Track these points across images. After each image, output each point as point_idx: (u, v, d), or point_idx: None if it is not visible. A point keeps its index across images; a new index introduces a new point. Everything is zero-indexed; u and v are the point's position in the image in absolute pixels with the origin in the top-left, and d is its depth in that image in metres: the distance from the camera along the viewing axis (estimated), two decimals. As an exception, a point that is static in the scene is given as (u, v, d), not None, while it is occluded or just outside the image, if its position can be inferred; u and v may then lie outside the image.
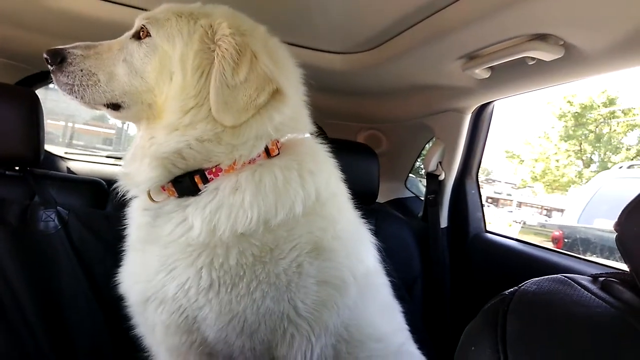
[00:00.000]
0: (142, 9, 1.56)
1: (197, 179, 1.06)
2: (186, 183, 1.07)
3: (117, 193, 1.19)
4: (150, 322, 1.09)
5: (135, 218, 1.19)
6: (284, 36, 1.71)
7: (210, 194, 1.05)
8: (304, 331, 1.06)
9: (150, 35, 1.09)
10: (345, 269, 1.12)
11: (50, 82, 2.54)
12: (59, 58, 1.09)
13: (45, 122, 1.71)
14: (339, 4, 1.43)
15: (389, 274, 1.36)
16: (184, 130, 1.05)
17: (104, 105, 1.14)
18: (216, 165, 1.06)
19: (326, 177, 1.17)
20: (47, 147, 2.38)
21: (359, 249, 1.22)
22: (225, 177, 1.06)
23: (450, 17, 1.32)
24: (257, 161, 1.09)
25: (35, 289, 1.57)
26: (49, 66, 1.11)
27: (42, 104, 1.71)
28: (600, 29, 1.17)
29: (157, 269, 1.04)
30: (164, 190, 1.09)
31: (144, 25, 1.09)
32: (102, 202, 1.84)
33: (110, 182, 1.94)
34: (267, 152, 1.11)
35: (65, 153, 2.84)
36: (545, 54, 1.30)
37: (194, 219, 1.03)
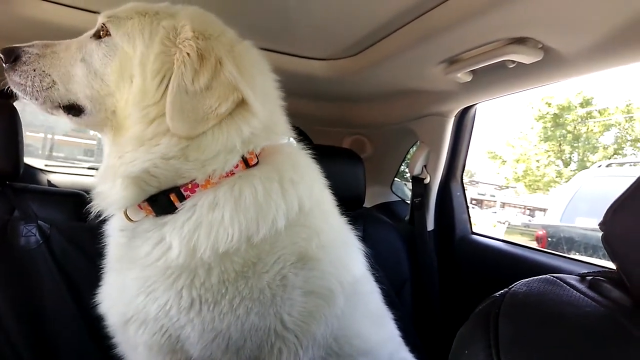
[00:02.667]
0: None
1: (172, 197, 1.00)
2: (162, 201, 1.01)
3: (93, 212, 1.11)
4: (132, 342, 1.05)
5: (113, 237, 1.14)
6: (266, 43, 1.71)
7: (188, 211, 0.99)
8: (292, 344, 1.02)
9: (110, 35, 1.02)
10: (332, 278, 1.09)
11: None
12: (13, 57, 1.03)
13: (24, 134, 1.67)
14: (321, 11, 1.44)
15: (377, 279, 1.35)
16: (149, 146, 0.98)
17: (63, 110, 1.07)
18: (191, 181, 1.00)
19: (309, 185, 1.13)
20: (27, 160, 2.32)
21: (345, 256, 1.19)
22: (202, 193, 1.00)
23: (432, 22, 1.34)
24: (235, 173, 1.03)
25: (17, 305, 1.52)
26: (4, 64, 1.04)
27: (21, 116, 1.67)
28: (577, 32, 1.20)
29: (137, 292, 0.99)
30: (141, 208, 1.04)
31: (104, 24, 1.03)
32: (84, 214, 1.80)
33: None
34: (246, 162, 1.05)
35: (46, 165, 2.78)
36: (525, 57, 1.33)
37: (172, 238, 0.98)
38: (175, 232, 0.98)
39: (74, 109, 1.07)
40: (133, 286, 1.00)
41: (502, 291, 0.63)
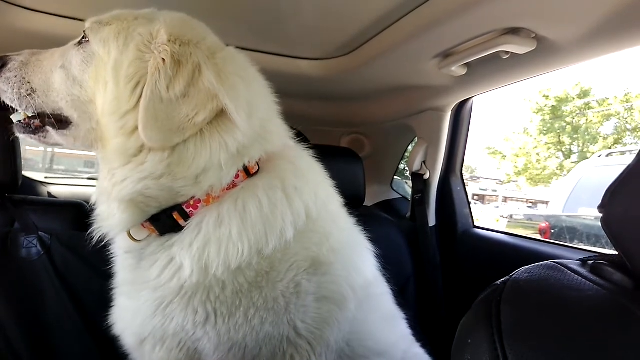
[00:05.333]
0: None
1: (176, 215, 0.98)
2: (164, 221, 0.98)
3: (95, 234, 1.08)
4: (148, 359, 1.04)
5: (119, 259, 1.13)
6: (259, 45, 1.72)
7: (195, 229, 0.97)
8: (304, 351, 1.01)
9: (89, 41, 1.00)
10: (344, 282, 1.07)
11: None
12: (0, 64, 1.03)
13: (23, 148, 1.67)
14: (312, 10, 1.44)
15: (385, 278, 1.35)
16: (135, 164, 0.95)
17: (47, 119, 1.03)
18: (192, 198, 0.97)
19: (314, 189, 1.10)
20: (27, 174, 2.33)
21: (356, 259, 1.17)
22: (206, 209, 0.98)
23: (424, 17, 1.33)
24: (237, 185, 1.00)
25: (20, 317, 1.52)
26: None
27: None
28: (569, 21, 1.20)
29: (152, 313, 0.97)
30: (144, 227, 1.01)
31: (85, 30, 1.02)
32: (85, 224, 1.80)
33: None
34: (247, 171, 1.02)
35: (46, 177, 2.78)
36: (519, 48, 1.33)
37: (182, 258, 0.95)
38: (185, 251, 0.96)
39: (61, 122, 1.04)
40: (148, 308, 0.98)
41: (503, 279, 0.63)
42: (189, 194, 0.97)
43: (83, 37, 1.03)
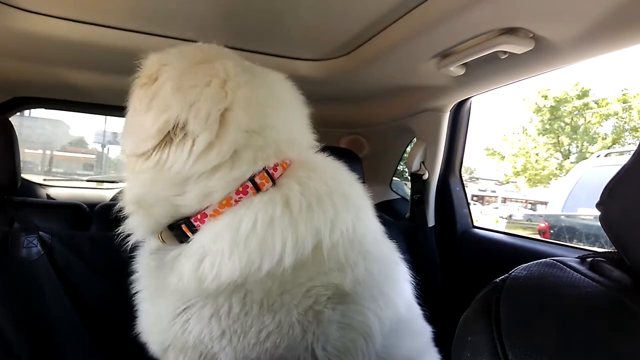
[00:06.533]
0: (111, 27, 1.56)
1: (184, 227, 1.01)
2: (176, 232, 1.02)
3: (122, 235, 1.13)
4: None
5: (142, 260, 1.15)
6: (256, 46, 1.72)
7: (197, 241, 0.98)
8: None
9: None
10: (371, 314, 1.02)
11: (24, 109, 2.49)
12: None
13: (22, 150, 1.68)
14: (310, 11, 1.44)
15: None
16: (137, 175, 1.02)
17: None
18: (199, 211, 0.99)
19: (331, 211, 1.00)
20: (26, 177, 2.33)
21: (388, 291, 1.09)
22: (210, 223, 0.98)
23: (421, 17, 1.34)
24: (243, 199, 0.98)
25: (20, 317, 1.52)
26: None
27: (17, 132, 1.68)
28: (567, 20, 1.20)
29: (171, 320, 0.99)
30: (161, 237, 1.06)
31: None
32: (84, 225, 1.80)
33: (92, 205, 1.91)
34: (256, 186, 0.99)
35: (44, 180, 2.79)
36: (517, 47, 1.33)
37: (183, 268, 0.97)
38: (185, 261, 0.98)
39: None
40: (166, 315, 1.00)
41: (502, 276, 0.63)
42: (188, 205, 1.00)
43: None
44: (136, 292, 1.15)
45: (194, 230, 1.00)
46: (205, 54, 1.05)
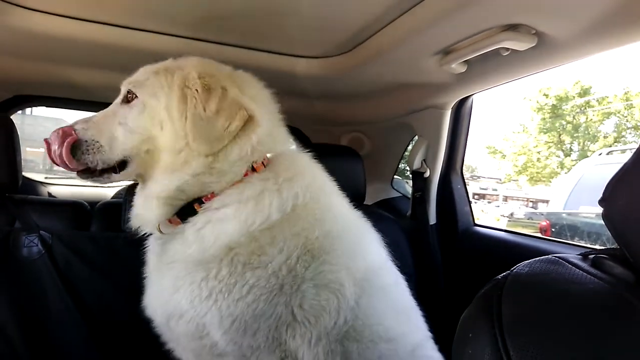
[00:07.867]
0: (112, 25, 1.56)
1: (196, 205, 1.17)
2: (186, 209, 1.18)
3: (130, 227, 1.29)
4: (175, 335, 1.20)
5: (151, 246, 1.31)
6: (259, 44, 1.72)
7: (203, 213, 1.16)
8: (303, 333, 1.10)
9: (137, 97, 1.20)
10: (342, 270, 1.15)
11: (26, 107, 2.50)
12: (72, 140, 1.16)
13: (23, 149, 1.67)
14: (311, 9, 1.44)
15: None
16: (181, 169, 1.15)
17: (114, 166, 1.21)
18: (212, 193, 1.17)
19: (307, 182, 1.23)
20: (28, 175, 2.33)
21: (355, 247, 1.24)
22: (217, 198, 1.17)
23: (423, 14, 1.33)
24: (243, 180, 1.18)
25: (20, 316, 1.52)
26: None
27: (19, 130, 1.68)
28: (569, 17, 1.19)
29: (173, 290, 1.14)
30: (171, 222, 1.20)
31: (130, 90, 1.22)
32: (85, 223, 1.80)
33: (93, 203, 1.91)
34: (253, 169, 1.20)
35: (46, 178, 2.79)
36: (519, 44, 1.32)
37: (189, 235, 1.15)
38: (191, 229, 1.15)
39: (120, 164, 1.21)
40: (168, 287, 1.16)
41: (504, 273, 0.63)
42: (211, 189, 1.17)
43: (128, 95, 1.22)
44: (145, 276, 1.31)
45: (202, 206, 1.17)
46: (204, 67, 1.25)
